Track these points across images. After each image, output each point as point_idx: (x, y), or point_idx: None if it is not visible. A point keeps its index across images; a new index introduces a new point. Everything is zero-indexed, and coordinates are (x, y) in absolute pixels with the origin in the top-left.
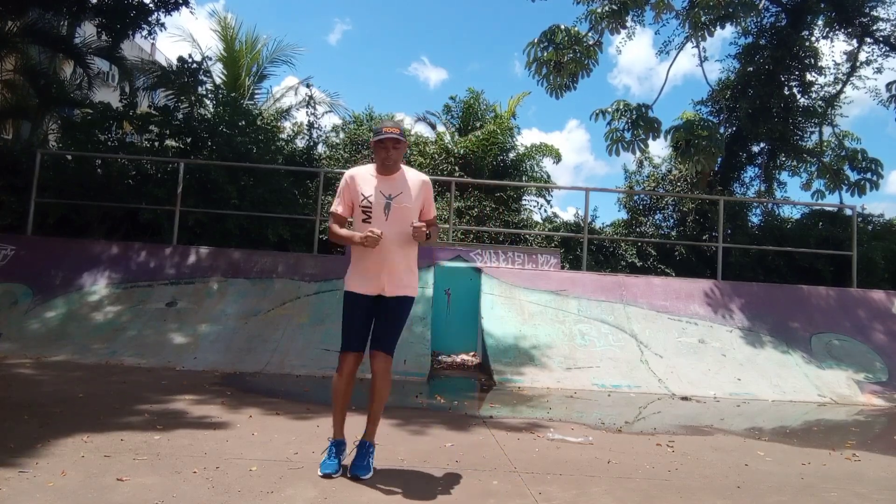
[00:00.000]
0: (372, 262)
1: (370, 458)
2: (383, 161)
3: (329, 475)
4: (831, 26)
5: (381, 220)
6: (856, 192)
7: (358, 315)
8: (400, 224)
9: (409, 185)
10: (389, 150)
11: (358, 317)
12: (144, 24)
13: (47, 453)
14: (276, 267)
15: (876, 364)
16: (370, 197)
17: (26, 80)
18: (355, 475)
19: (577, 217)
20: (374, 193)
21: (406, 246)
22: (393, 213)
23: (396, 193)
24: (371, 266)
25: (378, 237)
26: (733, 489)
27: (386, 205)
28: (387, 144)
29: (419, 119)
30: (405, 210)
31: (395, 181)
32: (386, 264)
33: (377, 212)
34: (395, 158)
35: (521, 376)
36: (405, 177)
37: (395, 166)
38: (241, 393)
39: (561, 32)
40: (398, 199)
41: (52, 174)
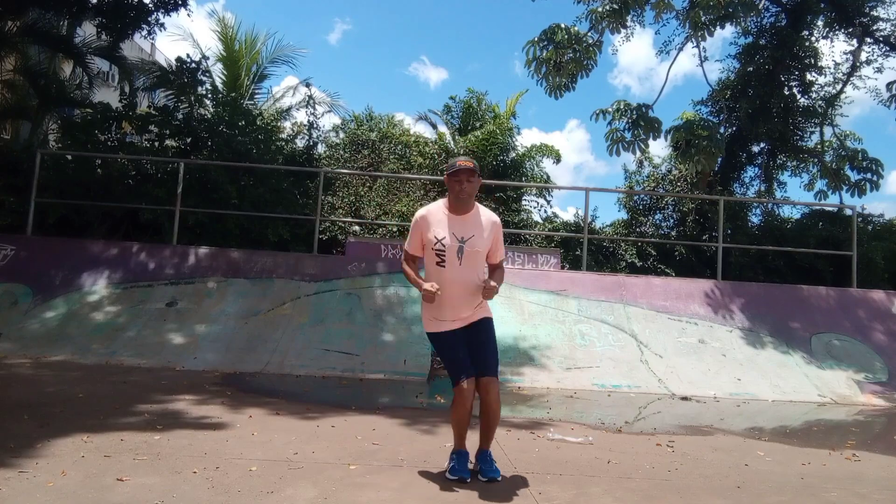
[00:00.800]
0: (446, 307)
1: (494, 463)
2: (457, 195)
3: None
4: (831, 26)
5: (454, 264)
6: (856, 192)
7: (456, 345)
8: (472, 267)
9: (481, 225)
10: (464, 184)
11: (457, 347)
12: (144, 24)
13: (47, 453)
14: (276, 267)
15: (876, 364)
16: (443, 240)
17: (26, 80)
18: (493, 478)
19: (577, 217)
20: (448, 236)
21: (475, 288)
22: (466, 256)
23: (469, 236)
24: (446, 309)
25: (434, 295)
26: (733, 489)
27: (459, 248)
28: (461, 178)
29: (420, 118)
30: (477, 255)
31: (468, 222)
32: (458, 308)
33: (450, 256)
34: (469, 192)
35: (521, 376)
36: (479, 217)
37: (469, 202)
38: (241, 393)
39: (561, 31)
40: (471, 243)
41: (52, 174)
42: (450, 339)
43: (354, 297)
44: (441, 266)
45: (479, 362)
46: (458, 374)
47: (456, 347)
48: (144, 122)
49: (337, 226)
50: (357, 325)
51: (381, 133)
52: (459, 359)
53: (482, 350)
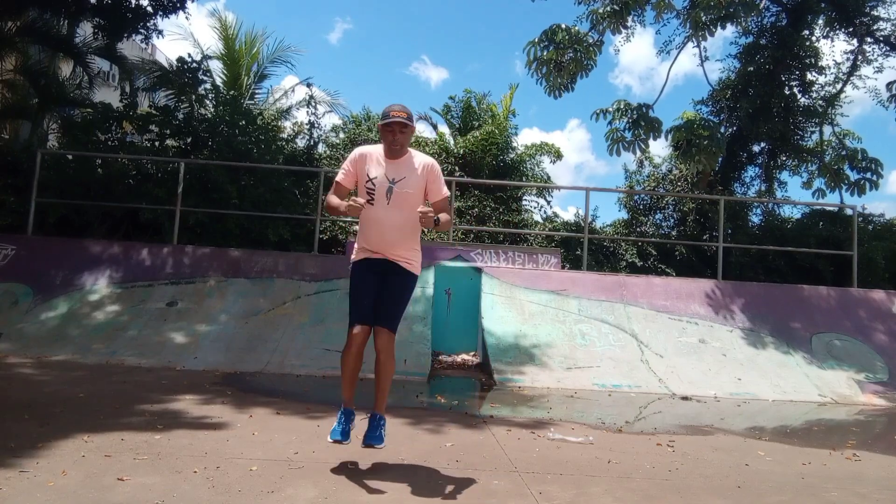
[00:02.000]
0: (374, 243)
1: (381, 430)
2: (390, 145)
3: (339, 441)
4: (832, 26)
5: (382, 203)
6: (856, 191)
7: (364, 288)
8: (402, 209)
9: (414, 168)
10: (396, 134)
11: (364, 289)
12: (142, 28)
13: (48, 453)
14: (277, 267)
15: (877, 364)
16: (374, 179)
17: (26, 79)
18: (369, 444)
19: (578, 217)
20: (379, 176)
21: (408, 230)
22: (395, 197)
23: (400, 178)
24: (375, 248)
25: (359, 207)
26: (733, 489)
27: (388, 189)
28: (393, 128)
29: (420, 118)
30: (407, 195)
31: (401, 165)
32: (388, 246)
33: (380, 195)
34: (402, 142)
35: (522, 376)
36: (412, 161)
37: (402, 150)
38: (242, 393)
39: (562, 32)
40: (401, 184)
41: (52, 174)
42: (363, 277)
43: None
44: (370, 203)
45: (379, 312)
46: (352, 319)
47: (364, 289)
48: (145, 122)
49: (337, 225)
50: None
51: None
52: (361, 303)
53: (389, 301)
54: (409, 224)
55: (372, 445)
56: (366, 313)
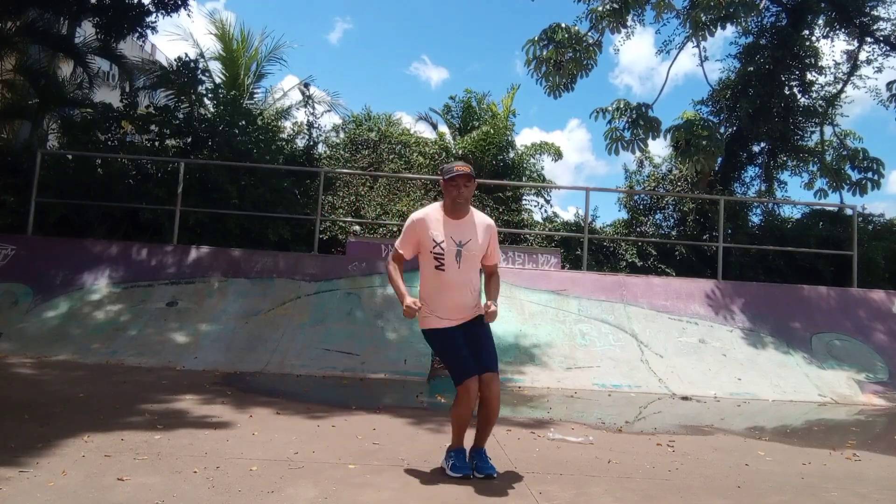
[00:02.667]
0: (450, 308)
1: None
2: (454, 199)
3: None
4: (832, 26)
5: (453, 267)
6: (857, 191)
7: (458, 344)
8: (468, 270)
9: (476, 229)
10: (461, 189)
11: (459, 346)
12: (139, 26)
13: (48, 453)
14: (277, 267)
15: (877, 364)
16: (442, 244)
17: (26, 79)
18: (490, 474)
19: (578, 217)
20: (446, 240)
21: (473, 290)
22: (464, 260)
23: (466, 240)
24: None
25: (415, 312)
26: (734, 489)
27: (457, 252)
28: (458, 182)
29: (420, 118)
30: (474, 257)
31: (465, 225)
32: (465, 307)
33: (449, 259)
34: (466, 197)
35: (522, 376)
36: (473, 221)
37: (466, 206)
38: (242, 393)
39: (561, 31)
40: (468, 247)
41: (52, 174)
42: (452, 337)
43: (355, 297)
44: (440, 269)
45: (480, 360)
46: (463, 373)
47: (459, 345)
48: (145, 122)
49: (337, 225)
50: (357, 324)
51: (381, 133)
52: (464, 357)
53: (483, 347)
54: (476, 283)
55: (492, 475)
56: (472, 365)
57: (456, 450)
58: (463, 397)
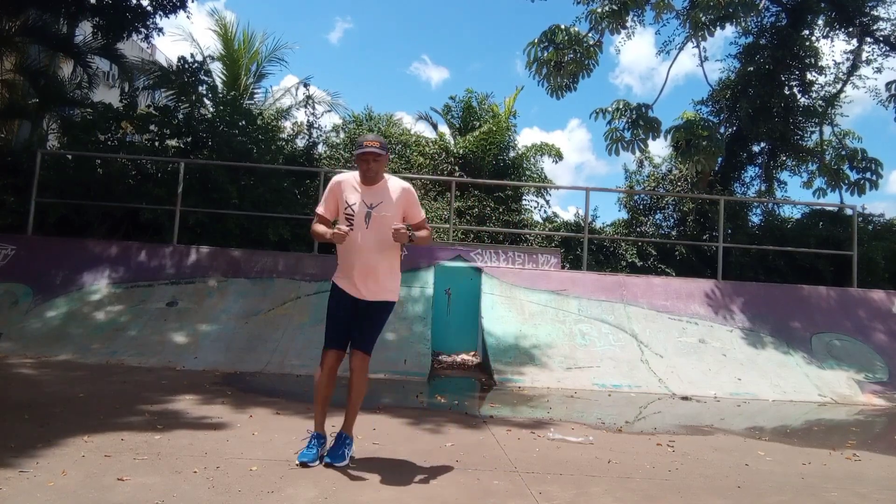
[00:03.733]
0: (354, 264)
1: (345, 449)
2: (364, 173)
3: (305, 464)
4: (831, 26)
5: (361, 227)
6: (855, 191)
7: (340, 313)
8: (380, 231)
9: (390, 193)
10: (370, 163)
11: (340, 315)
12: (142, 27)
13: (48, 453)
14: (277, 267)
15: (876, 364)
16: (353, 206)
17: (26, 79)
18: (329, 463)
19: (578, 217)
20: (358, 202)
21: (387, 252)
22: (374, 221)
23: (378, 202)
24: (354, 268)
25: (344, 234)
26: (733, 489)
27: (367, 214)
28: (367, 158)
29: (420, 118)
30: (385, 219)
31: (378, 190)
32: (367, 268)
33: (359, 220)
34: (376, 170)
35: (522, 376)
36: (387, 186)
37: (378, 177)
38: (242, 393)
39: (561, 32)
40: (379, 209)
41: (52, 174)
42: (341, 302)
43: None
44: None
45: (356, 336)
46: (327, 341)
47: (339, 314)
48: (145, 122)
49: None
50: None
51: (381, 132)
52: (337, 326)
53: (364, 327)
54: (388, 246)
55: (332, 464)
56: (340, 338)
57: (314, 434)
58: (320, 366)
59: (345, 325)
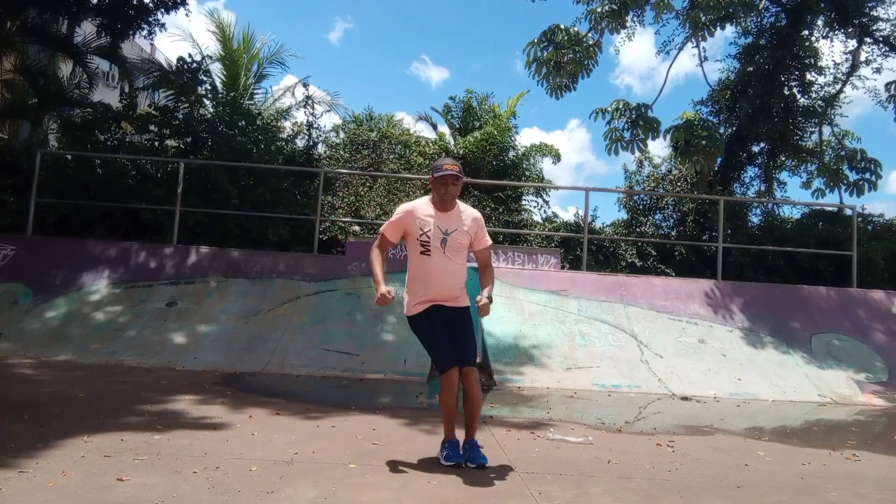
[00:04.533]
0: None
1: (481, 449)
2: (442, 197)
3: (460, 464)
4: (831, 26)
5: (438, 252)
6: (854, 192)
7: (440, 331)
8: (455, 258)
9: (462, 220)
10: (449, 187)
11: (440, 334)
12: (144, 24)
13: (47, 453)
14: (277, 267)
15: (876, 364)
16: (429, 232)
17: (26, 79)
18: (480, 464)
19: (577, 217)
20: (433, 228)
21: (460, 275)
22: (449, 247)
23: (452, 230)
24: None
25: (389, 301)
26: (733, 489)
27: (443, 240)
28: (447, 181)
29: (420, 118)
30: (460, 245)
31: (451, 217)
32: (447, 290)
33: (434, 245)
34: (453, 195)
35: (521, 376)
36: (460, 212)
37: (453, 202)
38: (242, 393)
39: (561, 32)
40: (454, 236)
41: (52, 174)
42: (432, 326)
43: (354, 297)
44: (426, 255)
45: (460, 352)
46: (445, 363)
47: (439, 333)
48: (144, 122)
49: (337, 226)
50: (357, 324)
51: (381, 133)
52: (444, 346)
53: (463, 340)
54: (461, 270)
55: (483, 465)
56: (452, 356)
57: (449, 441)
58: (446, 386)
59: (450, 341)
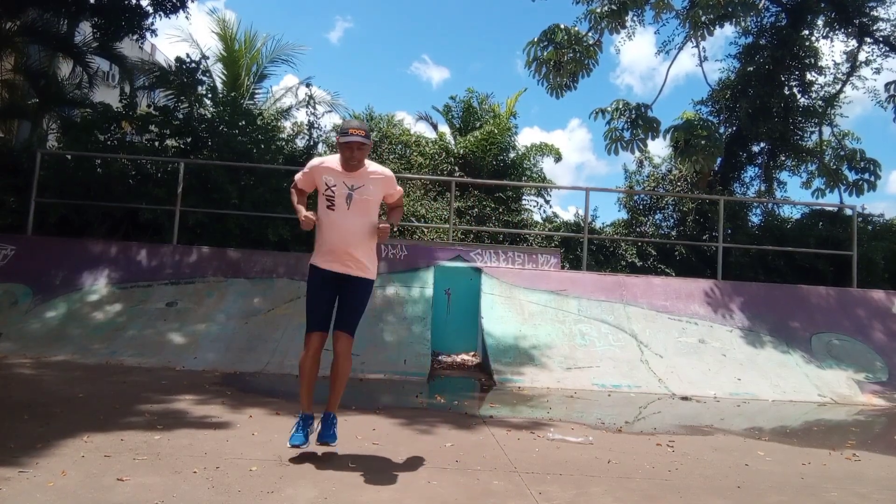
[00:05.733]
0: (335, 245)
1: (334, 428)
2: (347, 160)
3: (297, 446)
4: (831, 26)
5: (343, 209)
6: (853, 192)
7: (322, 295)
8: (361, 214)
9: (370, 177)
10: (354, 151)
11: (322, 296)
12: (136, 28)
13: (47, 453)
14: (277, 267)
15: (876, 364)
16: (334, 187)
17: (26, 79)
18: (324, 442)
19: (578, 217)
20: (339, 184)
21: (366, 235)
22: (355, 203)
23: (359, 185)
24: (334, 249)
25: (311, 222)
26: (733, 489)
27: (348, 196)
28: (352, 146)
29: (420, 118)
30: (366, 202)
31: (359, 175)
32: (348, 250)
33: (339, 202)
34: (359, 159)
35: (521, 376)
36: (367, 171)
37: (360, 165)
38: (242, 393)
39: (561, 32)
40: (360, 192)
41: (52, 174)
42: (323, 283)
43: None
44: (330, 209)
45: (339, 317)
46: (310, 324)
47: (322, 295)
48: (144, 122)
49: None
50: None
51: (382, 133)
52: (319, 310)
53: (348, 307)
54: (368, 229)
55: (327, 443)
56: (323, 320)
57: (302, 415)
58: (304, 347)
59: (329, 307)
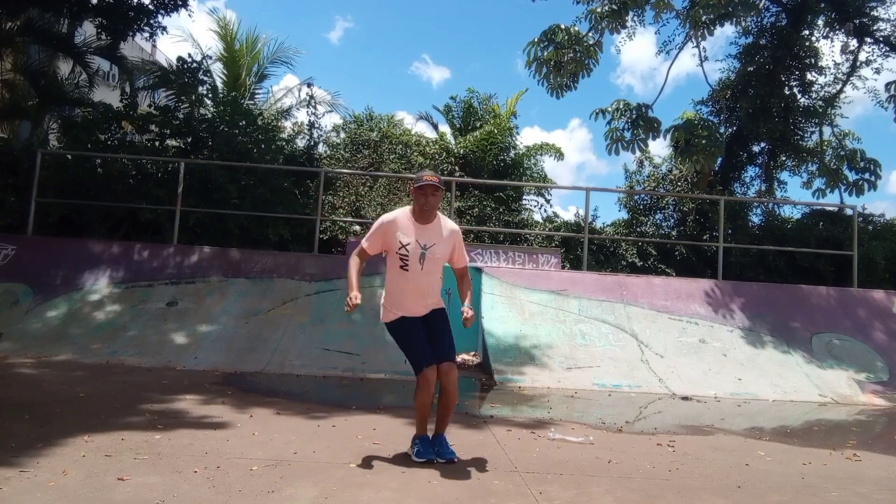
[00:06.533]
0: (414, 303)
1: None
2: (422, 207)
3: (431, 460)
4: (831, 26)
5: (416, 269)
6: (853, 192)
7: (419, 334)
8: (431, 272)
9: (442, 234)
10: (429, 197)
11: (419, 336)
12: (146, 26)
13: (48, 453)
14: (277, 267)
15: (877, 364)
16: (408, 245)
17: (26, 79)
18: (449, 459)
19: (578, 217)
20: (412, 243)
21: (438, 288)
22: (427, 262)
23: (431, 244)
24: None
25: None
26: (734, 489)
27: (421, 255)
28: (426, 191)
29: (421, 118)
30: (438, 260)
31: (431, 230)
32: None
33: (413, 261)
34: (433, 205)
35: (522, 376)
36: (440, 226)
37: (433, 213)
38: (242, 393)
39: (561, 32)
40: (432, 250)
41: (52, 174)
42: (409, 325)
43: None
44: (404, 269)
45: (437, 349)
46: (421, 362)
47: (417, 334)
48: (145, 122)
49: (337, 225)
50: (358, 324)
51: (382, 133)
52: (422, 346)
53: (440, 338)
54: (437, 282)
55: (452, 460)
56: (431, 354)
57: (420, 437)
58: (422, 385)
59: (426, 340)
